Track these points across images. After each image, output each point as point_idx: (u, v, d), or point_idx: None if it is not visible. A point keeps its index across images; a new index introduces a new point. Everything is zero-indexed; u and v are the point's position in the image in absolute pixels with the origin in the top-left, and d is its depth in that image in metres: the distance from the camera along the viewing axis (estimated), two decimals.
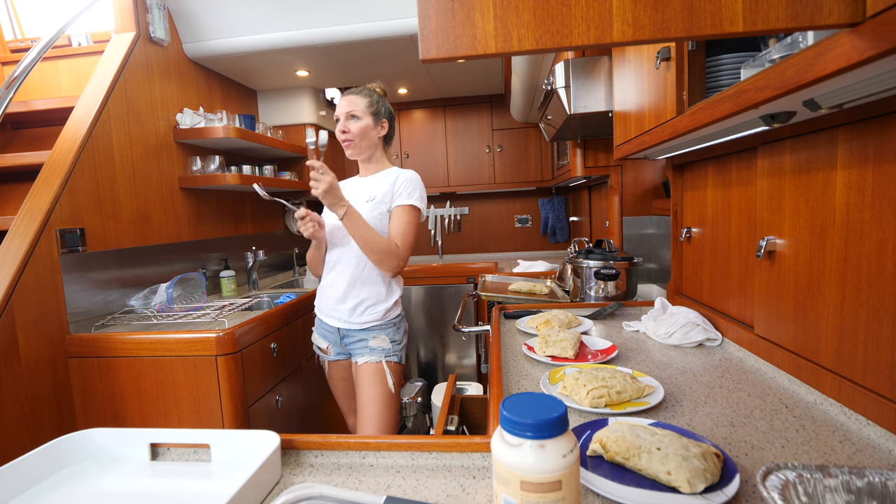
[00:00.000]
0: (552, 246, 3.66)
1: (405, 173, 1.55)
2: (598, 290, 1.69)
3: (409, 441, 0.71)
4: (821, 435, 0.69)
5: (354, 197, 1.54)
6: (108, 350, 1.57)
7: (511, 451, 0.44)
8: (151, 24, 2.02)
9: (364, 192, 1.56)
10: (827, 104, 0.62)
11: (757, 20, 0.47)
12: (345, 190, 1.54)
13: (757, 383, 0.89)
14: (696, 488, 0.54)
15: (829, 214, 0.76)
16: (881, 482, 0.49)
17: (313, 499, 0.56)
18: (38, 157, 1.75)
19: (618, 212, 2.08)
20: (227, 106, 2.64)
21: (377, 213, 1.51)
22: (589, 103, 1.60)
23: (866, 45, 0.44)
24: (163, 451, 0.77)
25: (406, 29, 2.12)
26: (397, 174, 1.55)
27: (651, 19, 0.48)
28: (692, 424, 0.74)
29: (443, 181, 3.58)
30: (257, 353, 1.73)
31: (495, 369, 1.00)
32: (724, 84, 0.91)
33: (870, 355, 0.69)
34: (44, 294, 1.50)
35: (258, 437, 0.72)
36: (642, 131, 1.19)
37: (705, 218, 1.25)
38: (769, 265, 0.94)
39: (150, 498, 0.66)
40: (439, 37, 0.51)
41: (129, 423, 1.60)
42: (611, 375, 0.84)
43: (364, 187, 1.57)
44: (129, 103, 1.90)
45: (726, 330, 1.12)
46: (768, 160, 0.93)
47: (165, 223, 2.07)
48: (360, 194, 1.56)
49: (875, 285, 0.67)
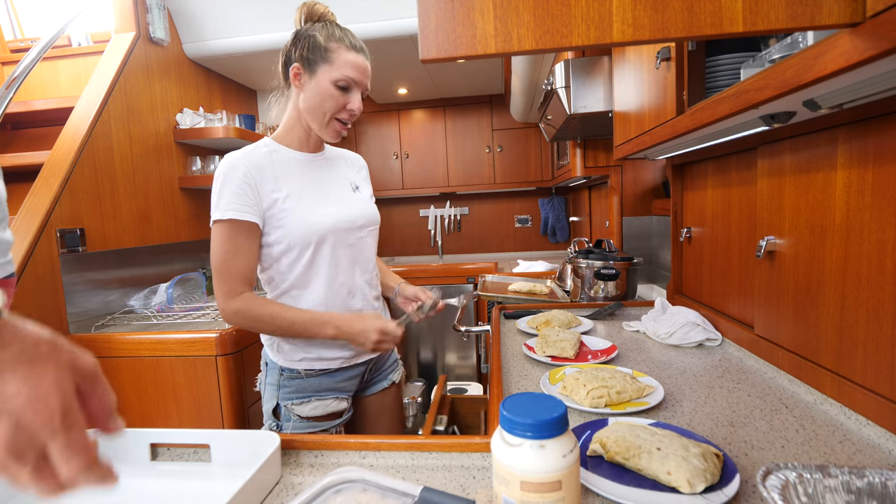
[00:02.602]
0: (552, 246, 3.66)
1: (354, 153, 1.25)
2: (598, 290, 1.69)
3: (408, 441, 0.71)
4: (821, 435, 0.68)
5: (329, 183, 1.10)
6: (108, 350, 1.57)
7: (511, 451, 0.44)
8: (151, 24, 2.02)
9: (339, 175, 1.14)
10: (827, 104, 0.62)
11: (757, 20, 0.47)
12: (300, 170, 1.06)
13: (757, 383, 0.89)
14: (696, 488, 0.54)
15: (829, 214, 0.76)
16: (881, 482, 0.49)
17: (355, 482, 0.59)
18: (38, 157, 1.75)
19: (618, 212, 2.08)
20: (227, 106, 2.64)
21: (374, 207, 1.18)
22: (589, 103, 1.60)
23: (866, 45, 0.44)
24: (163, 451, 0.77)
25: (406, 29, 2.12)
26: (351, 153, 1.23)
27: (651, 19, 0.48)
28: (692, 424, 0.74)
29: (443, 181, 3.58)
30: (257, 354, 1.72)
31: (495, 369, 1.00)
32: (724, 84, 0.91)
33: (870, 355, 0.69)
34: (44, 294, 1.50)
35: (258, 437, 0.72)
36: (642, 131, 1.19)
37: (705, 218, 1.25)
38: (769, 265, 0.94)
39: (150, 498, 0.66)
40: (439, 37, 0.51)
41: (129, 423, 1.59)
42: (611, 375, 0.84)
43: (332, 168, 1.14)
44: (129, 103, 1.90)
45: (726, 330, 1.12)
46: (768, 160, 0.93)
47: (165, 223, 2.07)
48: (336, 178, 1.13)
49: (875, 285, 0.67)
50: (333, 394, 1.08)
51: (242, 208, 0.96)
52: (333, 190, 1.09)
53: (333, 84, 1.00)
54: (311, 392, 1.06)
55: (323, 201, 1.05)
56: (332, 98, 1.01)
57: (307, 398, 1.05)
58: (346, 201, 1.10)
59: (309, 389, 1.06)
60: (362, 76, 1.02)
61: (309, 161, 1.09)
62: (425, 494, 0.56)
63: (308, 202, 1.03)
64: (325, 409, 1.06)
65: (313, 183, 1.06)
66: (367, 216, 1.12)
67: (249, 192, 0.97)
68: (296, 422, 1.04)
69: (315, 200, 1.04)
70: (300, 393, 1.05)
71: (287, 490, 0.64)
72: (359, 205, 1.11)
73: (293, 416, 1.04)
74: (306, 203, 1.02)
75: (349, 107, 1.02)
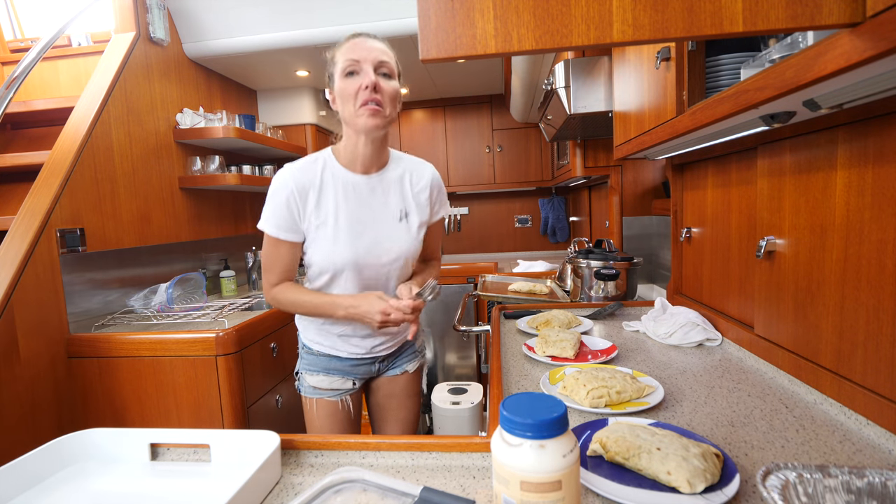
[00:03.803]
0: (552, 246, 3.66)
1: (429, 169, 1.20)
2: (598, 290, 1.69)
3: (409, 441, 0.71)
4: (821, 435, 0.69)
5: (372, 212, 1.09)
6: (108, 350, 1.57)
7: (511, 451, 0.44)
8: (151, 24, 2.02)
9: (386, 202, 1.11)
10: (827, 104, 0.62)
11: (757, 20, 0.47)
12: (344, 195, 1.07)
13: (757, 383, 0.89)
14: (696, 488, 0.54)
15: (829, 214, 0.76)
16: (881, 482, 0.49)
17: (355, 482, 0.59)
18: (38, 157, 1.75)
19: (618, 212, 2.08)
20: (227, 106, 2.64)
21: (416, 237, 1.14)
22: (589, 103, 1.60)
23: (866, 45, 0.44)
24: (163, 451, 0.77)
25: (406, 29, 2.12)
26: (423, 170, 1.18)
27: (651, 19, 0.48)
28: (692, 424, 0.74)
29: (443, 181, 3.58)
30: (257, 353, 1.73)
31: (495, 369, 1.00)
32: (724, 84, 0.91)
33: (870, 355, 0.69)
34: (44, 294, 1.50)
35: (258, 437, 0.72)
36: (642, 131, 1.19)
37: (705, 218, 1.25)
38: (769, 265, 0.94)
39: (150, 498, 0.66)
40: (439, 37, 0.51)
41: (129, 424, 1.60)
42: (611, 375, 0.84)
43: (383, 194, 1.11)
44: (129, 103, 1.90)
45: (726, 330, 1.12)
46: (768, 160, 0.93)
47: (165, 223, 2.07)
48: (380, 207, 1.10)
49: (875, 285, 0.67)
50: (340, 374, 1.19)
51: (283, 228, 1.06)
52: (373, 220, 1.10)
53: (342, 76, 1.02)
54: (321, 368, 1.19)
55: (354, 233, 1.08)
56: (345, 89, 1.02)
57: (317, 371, 1.19)
58: (382, 233, 1.10)
59: (320, 365, 1.19)
60: (364, 53, 1.01)
61: (358, 184, 1.09)
62: (425, 494, 0.56)
63: (338, 233, 1.07)
64: (329, 384, 1.19)
65: (353, 210, 1.08)
66: (399, 250, 1.11)
67: (290, 217, 1.06)
68: (307, 387, 1.20)
69: (346, 231, 1.07)
70: (313, 366, 1.20)
71: (287, 490, 0.64)
72: (393, 237, 1.11)
73: (305, 382, 1.21)
74: (336, 234, 1.07)
75: (363, 85, 1.00)
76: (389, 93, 1.03)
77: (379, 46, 1.03)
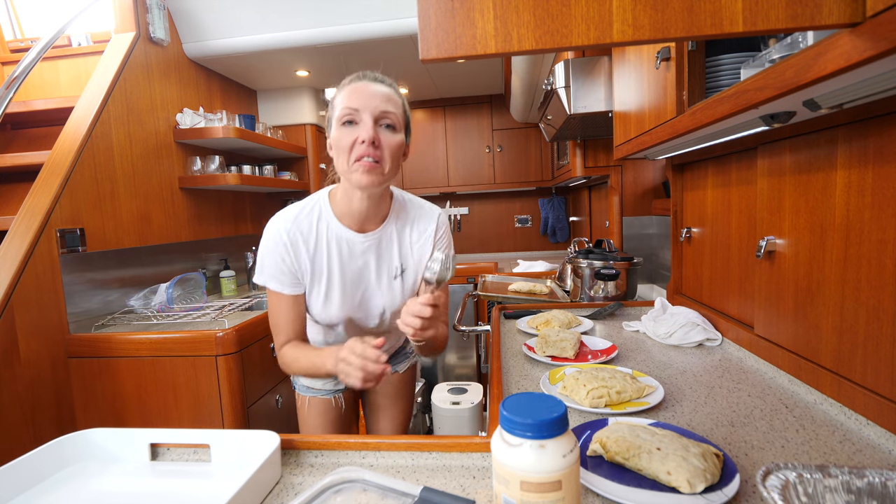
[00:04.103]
0: (552, 246, 3.66)
1: (434, 218, 1.08)
2: (598, 290, 1.69)
3: (408, 441, 0.71)
4: (821, 435, 0.69)
5: (367, 272, 1.03)
6: (108, 350, 1.57)
7: (511, 451, 0.44)
8: (151, 24, 2.02)
9: (381, 261, 1.04)
10: (827, 104, 0.62)
11: (757, 20, 0.47)
12: (338, 253, 1.01)
13: (757, 383, 0.89)
14: (696, 488, 0.54)
15: (829, 214, 0.76)
16: (881, 482, 0.49)
17: (355, 482, 0.59)
18: (38, 157, 1.75)
19: (618, 212, 2.08)
20: (227, 106, 2.64)
21: (411, 291, 1.09)
22: (589, 103, 1.60)
23: (866, 45, 0.44)
24: (163, 451, 0.77)
25: (406, 29, 2.12)
26: (427, 221, 1.07)
27: (651, 19, 0.48)
28: (692, 424, 0.74)
29: (443, 181, 3.58)
30: (257, 353, 1.73)
31: (495, 369, 1.00)
32: (724, 84, 0.91)
33: (870, 355, 0.69)
34: (44, 294, 1.50)
35: (258, 437, 0.72)
36: (642, 131, 1.19)
37: (705, 218, 1.25)
38: (769, 265, 0.94)
39: (150, 498, 0.66)
40: (439, 37, 0.51)
41: (129, 423, 1.60)
42: (611, 375, 0.84)
43: (379, 252, 1.04)
44: (129, 103, 1.90)
45: (726, 330, 1.12)
46: (768, 160, 0.93)
47: (165, 223, 2.07)
48: (375, 266, 1.04)
49: (875, 285, 0.67)
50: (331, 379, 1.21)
51: (283, 282, 1.00)
52: (366, 279, 1.05)
53: (339, 124, 0.91)
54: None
55: (346, 294, 1.03)
56: (341, 140, 0.90)
57: None
58: (374, 293, 1.05)
59: None
60: (365, 100, 0.89)
61: (353, 243, 1.01)
62: (425, 494, 0.56)
63: (331, 292, 1.02)
64: (323, 383, 1.22)
65: (347, 270, 1.02)
66: (392, 307, 1.07)
67: (287, 271, 0.99)
68: (301, 385, 1.23)
69: (339, 291, 1.02)
70: None
71: (287, 490, 0.64)
72: (386, 295, 1.06)
73: (299, 380, 1.23)
74: (329, 294, 1.02)
75: (360, 138, 0.88)
76: (391, 147, 0.92)
77: (383, 92, 0.92)
